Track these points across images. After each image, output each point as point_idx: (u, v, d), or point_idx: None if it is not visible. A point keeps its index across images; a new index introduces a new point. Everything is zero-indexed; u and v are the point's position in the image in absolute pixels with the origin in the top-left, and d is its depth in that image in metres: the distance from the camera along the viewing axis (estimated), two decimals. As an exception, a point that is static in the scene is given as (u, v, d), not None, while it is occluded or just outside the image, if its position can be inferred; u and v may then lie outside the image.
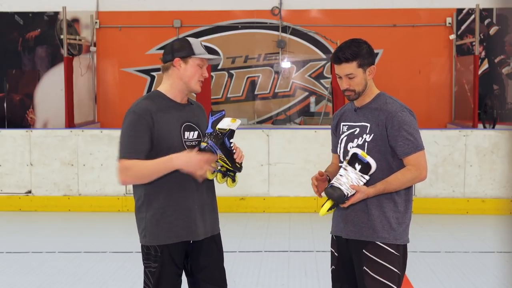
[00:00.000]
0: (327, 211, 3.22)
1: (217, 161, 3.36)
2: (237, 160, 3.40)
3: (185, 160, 3.24)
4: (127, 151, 3.30)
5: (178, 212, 3.38)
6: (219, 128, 3.35)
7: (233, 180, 3.48)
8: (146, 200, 3.40)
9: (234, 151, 3.39)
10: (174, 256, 3.40)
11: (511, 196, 8.50)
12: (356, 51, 3.28)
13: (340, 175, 3.18)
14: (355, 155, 3.19)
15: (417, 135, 3.30)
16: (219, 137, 3.34)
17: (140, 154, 3.28)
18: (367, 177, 3.18)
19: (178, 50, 3.37)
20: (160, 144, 3.32)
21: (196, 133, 3.42)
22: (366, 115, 3.36)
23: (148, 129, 3.29)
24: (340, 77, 3.34)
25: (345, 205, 3.19)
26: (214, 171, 3.38)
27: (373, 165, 3.18)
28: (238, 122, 3.39)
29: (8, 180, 8.78)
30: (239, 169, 3.44)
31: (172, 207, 3.37)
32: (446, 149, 8.51)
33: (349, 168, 3.18)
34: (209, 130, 3.36)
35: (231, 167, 3.41)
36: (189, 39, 3.44)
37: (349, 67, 3.29)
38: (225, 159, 3.37)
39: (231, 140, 3.37)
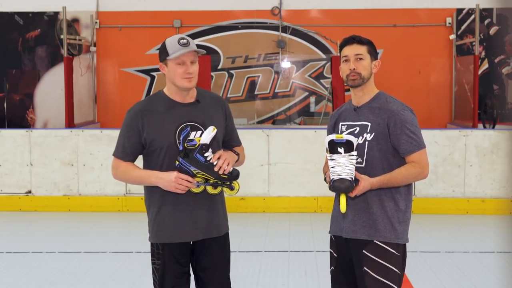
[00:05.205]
0: (346, 205, 3.26)
1: (195, 177, 3.35)
2: (219, 172, 3.36)
3: (161, 180, 3.35)
4: (116, 149, 3.52)
5: (172, 213, 3.42)
6: (187, 145, 3.33)
7: (231, 189, 3.45)
8: (147, 199, 3.52)
9: (214, 162, 3.35)
10: (176, 254, 3.44)
11: (511, 196, 8.50)
12: (367, 39, 3.41)
13: (332, 167, 3.18)
14: (331, 142, 3.20)
15: (419, 133, 3.34)
16: (189, 154, 3.33)
17: (125, 155, 3.47)
18: (355, 153, 3.19)
19: (159, 55, 3.46)
20: (153, 145, 3.40)
21: (200, 132, 3.40)
22: (367, 114, 3.37)
23: (137, 130, 3.41)
24: (347, 60, 3.36)
25: (352, 194, 3.20)
26: (198, 185, 3.37)
27: (352, 138, 3.19)
28: (209, 134, 3.33)
29: (8, 180, 8.78)
30: (227, 179, 3.38)
31: (167, 208, 3.42)
32: (446, 149, 8.51)
33: (335, 156, 3.18)
34: (180, 147, 3.35)
35: (216, 179, 3.38)
36: (167, 40, 3.44)
37: (360, 48, 3.36)
38: (204, 174, 3.35)
39: (206, 154, 3.32)
